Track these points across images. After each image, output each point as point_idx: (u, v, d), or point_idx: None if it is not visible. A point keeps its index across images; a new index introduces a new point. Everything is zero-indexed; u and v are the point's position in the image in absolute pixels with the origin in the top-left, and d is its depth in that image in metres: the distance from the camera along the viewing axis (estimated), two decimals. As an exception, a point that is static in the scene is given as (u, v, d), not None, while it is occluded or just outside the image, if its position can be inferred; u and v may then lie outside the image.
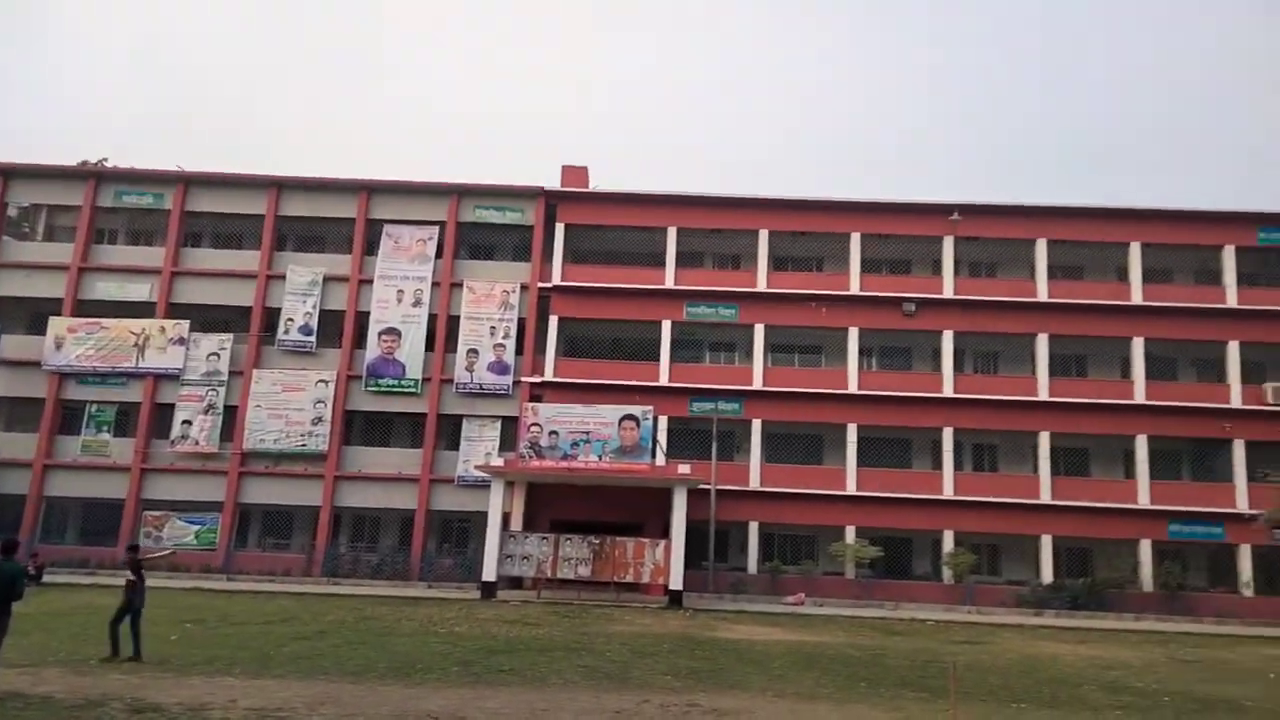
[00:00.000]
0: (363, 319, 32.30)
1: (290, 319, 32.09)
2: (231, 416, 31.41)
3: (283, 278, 32.40)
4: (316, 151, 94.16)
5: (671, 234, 32.55)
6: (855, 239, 32.43)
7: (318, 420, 31.28)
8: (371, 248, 33.01)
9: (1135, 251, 31.90)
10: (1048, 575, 29.51)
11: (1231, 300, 31.40)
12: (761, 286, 32.16)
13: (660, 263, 32.65)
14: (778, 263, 33.76)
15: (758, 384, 31.44)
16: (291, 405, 31.29)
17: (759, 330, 31.94)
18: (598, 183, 34.34)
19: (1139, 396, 30.90)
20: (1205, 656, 17.80)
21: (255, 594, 23.94)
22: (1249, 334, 31.18)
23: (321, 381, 31.58)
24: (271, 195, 33.07)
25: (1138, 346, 31.30)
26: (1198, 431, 30.76)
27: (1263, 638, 22.95)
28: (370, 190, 33.18)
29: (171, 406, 31.57)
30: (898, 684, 12.23)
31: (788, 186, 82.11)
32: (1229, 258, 31.75)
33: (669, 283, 32.23)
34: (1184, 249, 32.61)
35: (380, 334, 31.90)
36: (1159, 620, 26.98)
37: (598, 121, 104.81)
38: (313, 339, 31.99)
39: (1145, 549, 29.58)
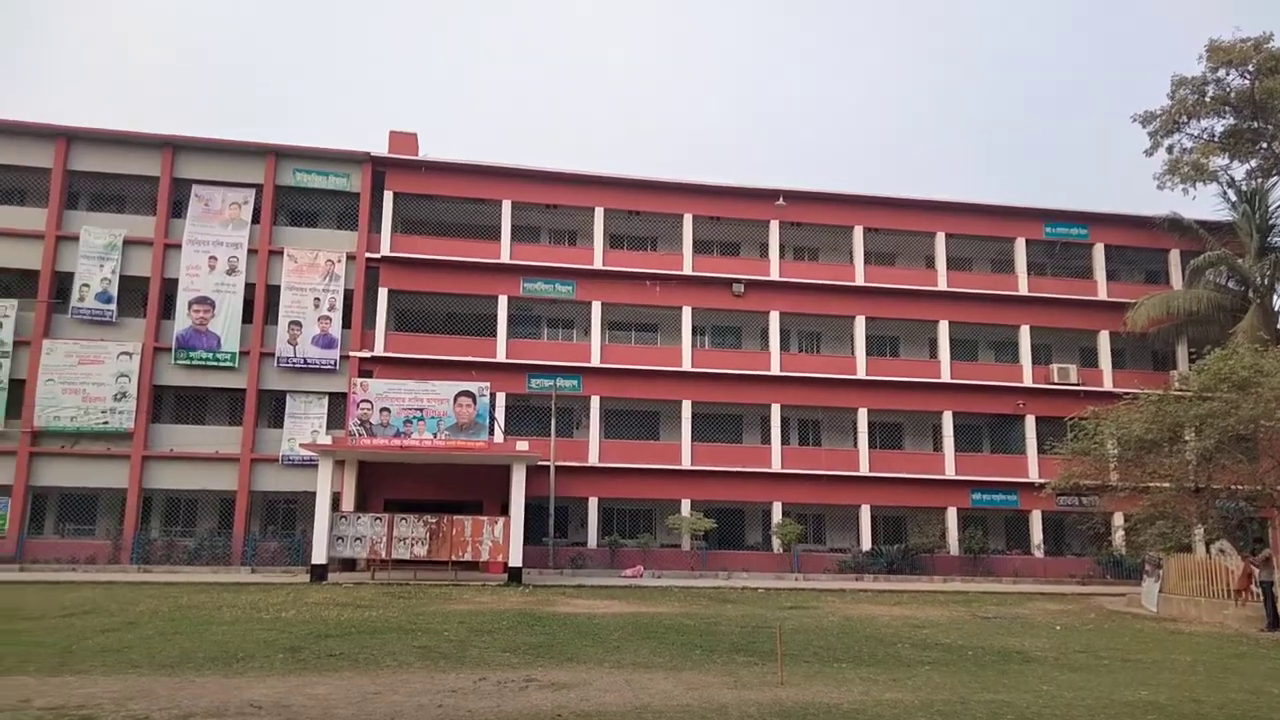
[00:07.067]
0: (170, 287, 29.89)
1: (86, 285, 29.23)
2: (19, 391, 28.35)
3: (75, 239, 29.44)
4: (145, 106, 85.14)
5: (506, 207, 32.01)
6: (688, 220, 33.05)
7: (121, 396, 28.76)
8: (179, 209, 30.50)
9: (940, 241, 34.24)
10: (866, 542, 31.40)
11: (1023, 288, 34.28)
12: (598, 264, 32.23)
13: (495, 236, 32.05)
14: (614, 240, 34.00)
15: (595, 361, 31.58)
16: (90, 379, 28.61)
17: (596, 307, 32.04)
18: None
19: (945, 375, 33.28)
20: (1003, 613, 19.57)
21: (54, 584, 21.74)
22: (1038, 319, 34.10)
23: (124, 354, 29.01)
24: (59, 147, 29.86)
25: (943, 329, 33.65)
26: (995, 408, 33.49)
27: (1051, 594, 25.49)
28: (175, 147, 30.54)
29: (-57, 380, 28.11)
30: (730, 650, 12.67)
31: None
32: (1020, 249, 34.67)
33: (504, 257, 31.73)
34: (982, 240, 35.25)
35: (191, 303, 29.64)
36: (964, 581, 29.42)
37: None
38: (113, 307, 29.29)
39: (951, 516, 32.03)
